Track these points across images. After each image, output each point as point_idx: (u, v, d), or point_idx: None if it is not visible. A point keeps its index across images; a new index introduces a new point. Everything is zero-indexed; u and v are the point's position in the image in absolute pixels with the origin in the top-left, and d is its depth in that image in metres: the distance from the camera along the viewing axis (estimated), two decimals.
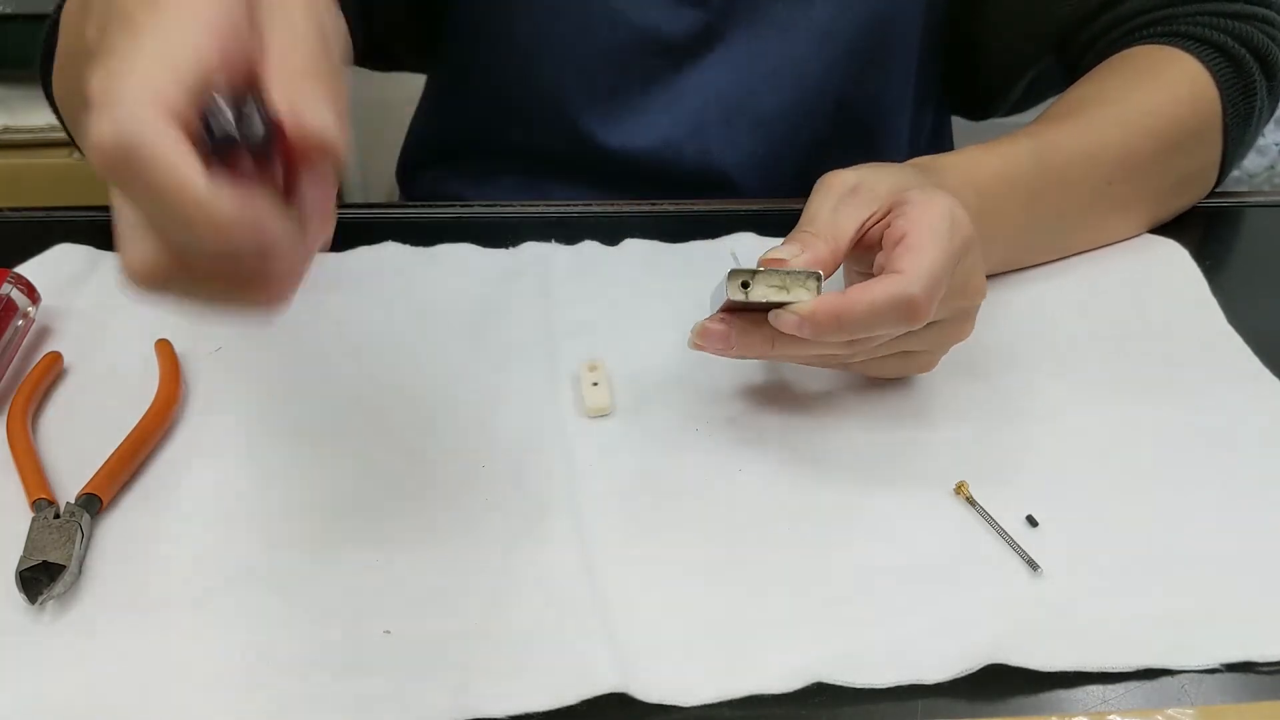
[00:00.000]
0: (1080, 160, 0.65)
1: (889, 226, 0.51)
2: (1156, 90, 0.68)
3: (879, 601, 0.47)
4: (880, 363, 0.55)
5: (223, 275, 0.35)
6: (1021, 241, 0.66)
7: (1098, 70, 0.72)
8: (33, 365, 0.57)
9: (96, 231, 0.70)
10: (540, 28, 0.77)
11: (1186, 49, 0.70)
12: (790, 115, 0.78)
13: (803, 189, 0.56)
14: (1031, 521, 0.50)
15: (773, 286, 0.49)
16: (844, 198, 0.53)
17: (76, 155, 1.28)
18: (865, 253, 0.53)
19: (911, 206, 0.51)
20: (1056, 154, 0.64)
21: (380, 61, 0.89)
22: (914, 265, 0.48)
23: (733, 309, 0.52)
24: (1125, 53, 0.72)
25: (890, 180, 0.54)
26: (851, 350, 0.51)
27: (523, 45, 0.78)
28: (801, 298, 0.49)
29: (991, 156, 0.62)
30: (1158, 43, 0.71)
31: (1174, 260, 0.69)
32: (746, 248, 0.69)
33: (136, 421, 0.54)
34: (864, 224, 0.52)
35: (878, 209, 0.52)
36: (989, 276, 0.65)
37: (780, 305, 0.49)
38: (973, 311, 0.54)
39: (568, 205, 0.74)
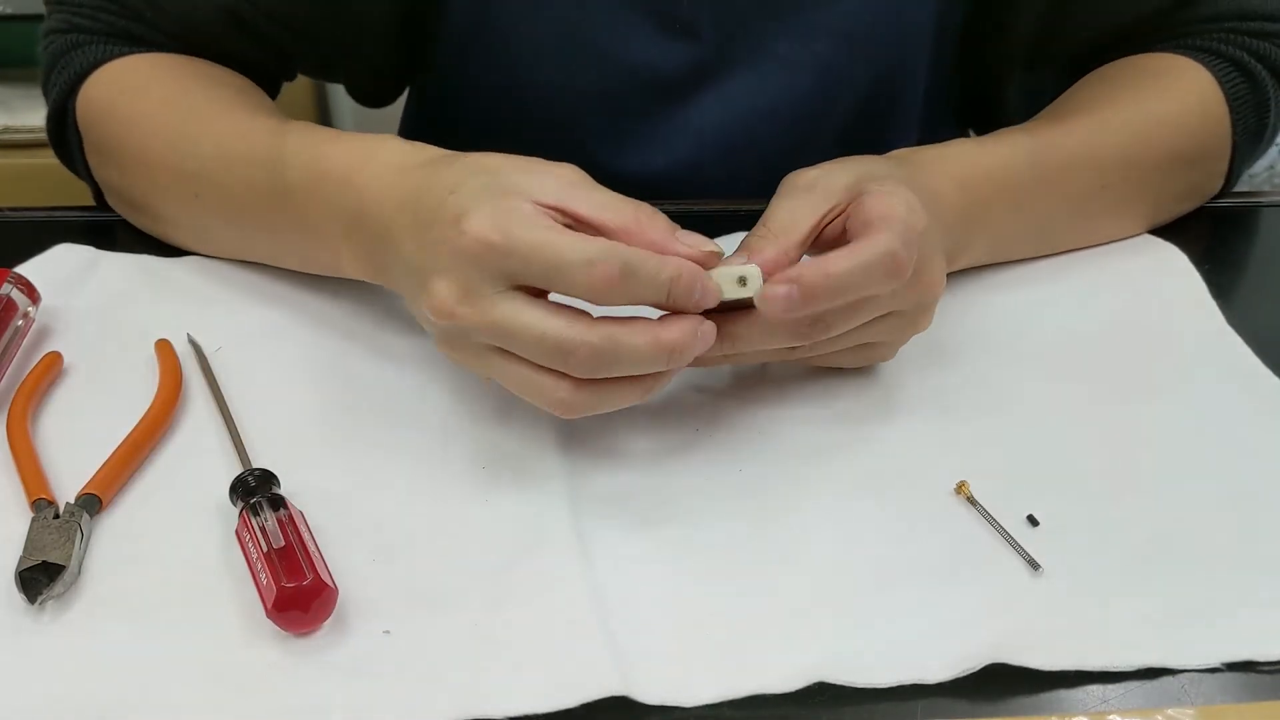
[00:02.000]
0: (1078, 162, 0.64)
1: (849, 218, 0.52)
2: (1166, 99, 0.67)
3: (879, 601, 0.47)
4: (839, 355, 0.55)
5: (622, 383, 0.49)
6: (1008, 239, 0.65)
7: (1107, 70, 0.70)
8: (33, 365, 0.57)
9: (96, 231, 0.70)
10: (528, 68, 0.74)
11: (1200, 60, 0.68)
12: (791, 150, 0.74)
13: None
14: (1032, 521, 0.50)
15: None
16: (800, 194, 0.53)
17: None
18: (826, 249, 0.53)
19: (869, 197, 0.51)
20: (1055, 154, 0.64)
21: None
22: (885, 228, 0.49)
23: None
24: (1136, 57, 0.70)
25: (851, 174, 0.53)
26: (812, 339, 0.51)
27: (509, 86, 0.76)
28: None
29: (984, 155, 0.62)
30: (1170, 51, 0.70)
31: (1171, 262, 0.68)
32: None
33: (136, 421, 0.54)
34: (821, 220, 0.52)
35: (837, 203, 0.52)
36: (977, 269, 0.65)
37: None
38: (931, 306, 0.55)
39: None
